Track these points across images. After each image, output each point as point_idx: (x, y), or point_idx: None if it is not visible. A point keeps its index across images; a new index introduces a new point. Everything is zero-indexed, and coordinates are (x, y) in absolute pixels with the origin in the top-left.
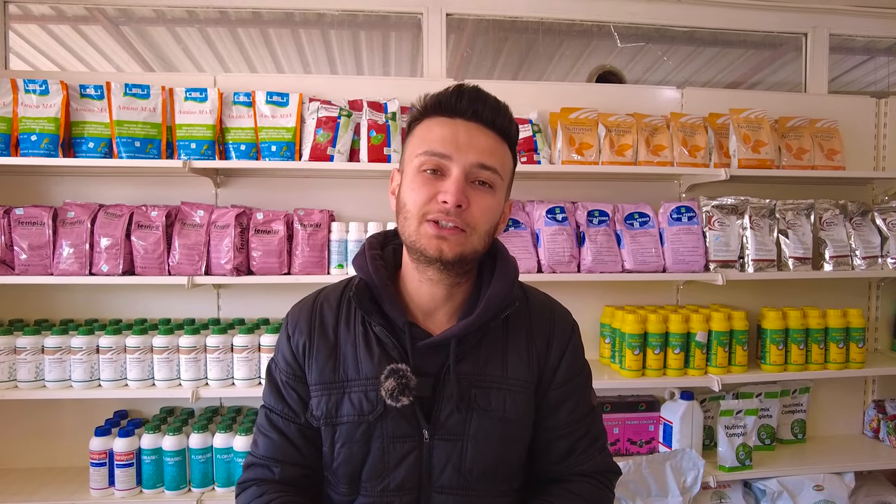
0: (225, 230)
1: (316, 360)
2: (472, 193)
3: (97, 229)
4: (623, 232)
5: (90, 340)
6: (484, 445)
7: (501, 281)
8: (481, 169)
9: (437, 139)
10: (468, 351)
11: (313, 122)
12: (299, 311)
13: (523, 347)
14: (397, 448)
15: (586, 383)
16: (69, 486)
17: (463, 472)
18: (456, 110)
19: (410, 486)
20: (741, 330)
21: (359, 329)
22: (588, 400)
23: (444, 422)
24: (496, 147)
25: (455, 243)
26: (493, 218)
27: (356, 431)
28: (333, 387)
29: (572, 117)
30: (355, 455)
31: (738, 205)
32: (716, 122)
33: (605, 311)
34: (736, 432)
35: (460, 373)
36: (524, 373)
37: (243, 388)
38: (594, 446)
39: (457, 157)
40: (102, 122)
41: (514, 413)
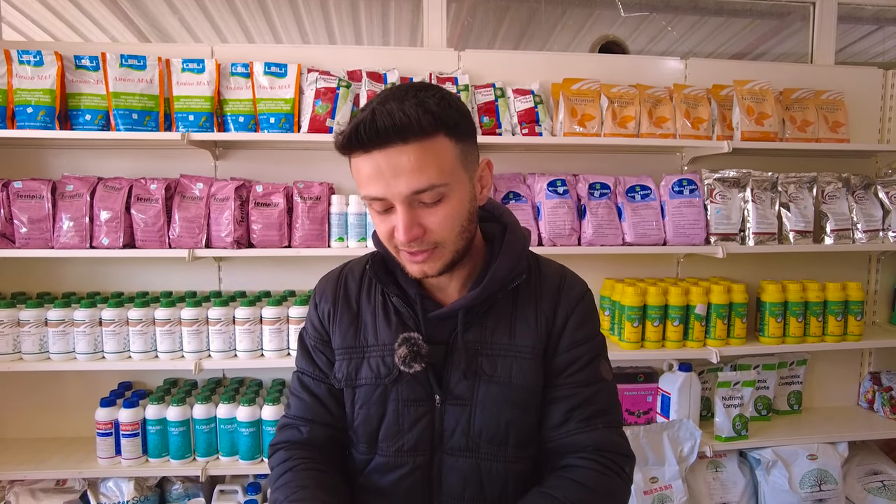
0: (225, 203)
1: (339, 326)
2: (423, 215)
3: (97, 202)
4: (624, 205)
5: (93, 313)
6: (491, 411)
7: (507, 255)
8: (417, 194)
9: (366, 180)
10: (476, 320)
11: (312, 94)
12: (326, 282)
13: (531, 315)
14: (411, 411)
15: (596, 352)
16: (77, 455)
17: (471, 436)
18: (367, 145)
19: (423, 448)
20: (740, 303)
21: (378, 299)
22: (596, 369)
23: (454, 388)
24: (423, 158)
25: (433, 261)
26: (457, 221)
27: (373, 394)
28: (354, 351)
29: (574, 88)
30: (372, 416)
31: (740, 178)
32: (719, 94)
33: (604, 283)
34: (733, 403)
35: (468, 341)
36: (531, 339)
37: (245, 359)
38: (598, 418)
39: (390, 194)
40: (99, 94)
41: (522, 379)
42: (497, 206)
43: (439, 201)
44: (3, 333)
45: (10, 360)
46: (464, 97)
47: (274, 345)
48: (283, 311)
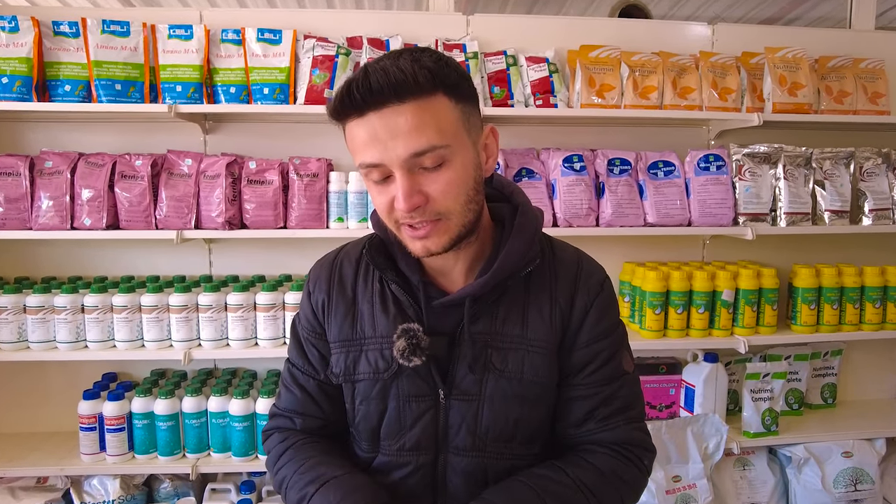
0: (215, 180)
1: (335, 317)
2: (424, 182)
3: (77, 180)
4: (646, 182)
5: (74, 299)
6: (499, 407)
7: (519, 238)
8: (416, 157)
9: (361, 146)
10: (485, 310)
11: (309, 62)
12: (320, 267)
13: (545, 305)
14: (413, 407)
15: (617, 346)
16: (58, 450)
17: (478, 434)
18: (360, 107)
19: (427, 446)
20: (771, 288)
21: (376, 286)
22: (618, 364)
23: (460, 382)
24: (422, 118)
25: (437, 236)
26: (461, 189)
27: (372, 389)
28: (351, 344)
29: (592, 56)
30: (372, 413)
31: (772, 153)
32: (749, 62)
33: (624, 267)
34: (762, 396)
35: (476, 332)
36: (545, 332)
37: (238, 348)
38: (620, 415)
39: (387, 158)
40: (79, 63)
41: (533, 374)
42: (507, 183)
43: (441, 166)
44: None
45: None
46: (472, 66)
47: (269, 333)
48: (279, 296)
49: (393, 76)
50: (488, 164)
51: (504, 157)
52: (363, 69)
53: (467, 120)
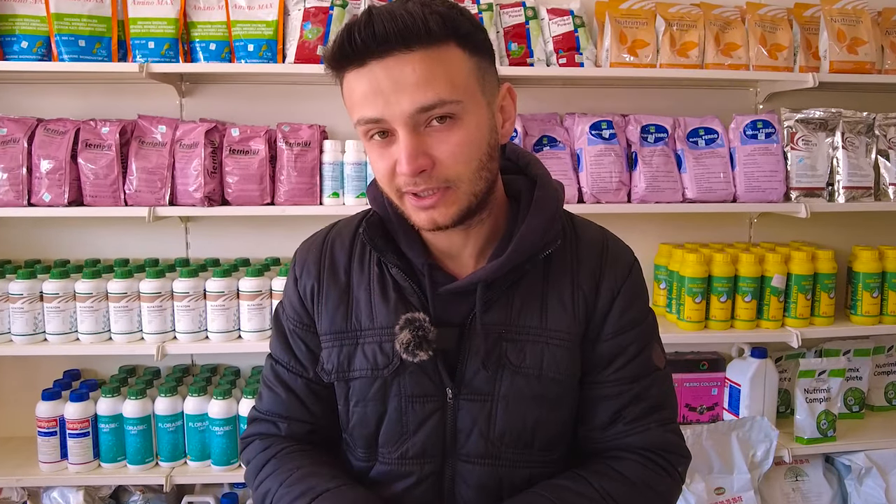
0: (193, 150)
1: (326, 306)
2: (431, 142)
3: (36, 149)
4: (685, 152)
5: (32, 286)
6: (516, 408)
7: (538, 216)
8: (424, 112)
9: (361, 100)
10: (499, 297)
11: (300, 15)
12: (307, 249)
13: (567, 292)
14: (416, 409)
15: (646, 338)
16: (14, 458)
17: (491, 439)
18: (359, 53)
19: (433, 453)
20: (828, 273)
21: (374, 270)
22: (648, 358)
23: (470, 380)
24: (431, 67)
25: (445, 206)
26: (473, 153)
27: (370, 388)
28: (345, 337)
29: (624, 8)
30: (370, 415)
31: (829, 119)
32: (802, 15)
33: (660, 249)
34: (818, 397)
35: (489, 323)
36: (567, 323)
37: (219, 342)
38: (651, 417)
39: (390, 114)
40: (38, 17)
41: (554, 371)
42: (522, 153)
43: (451, 124)
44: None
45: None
46: (486, 19)
47: (254, 324)
48: (265, 282)
49: (401, 20)
50: (505, 129)
51: (523, 123)
52: (366, 11)
53: (482, 76)
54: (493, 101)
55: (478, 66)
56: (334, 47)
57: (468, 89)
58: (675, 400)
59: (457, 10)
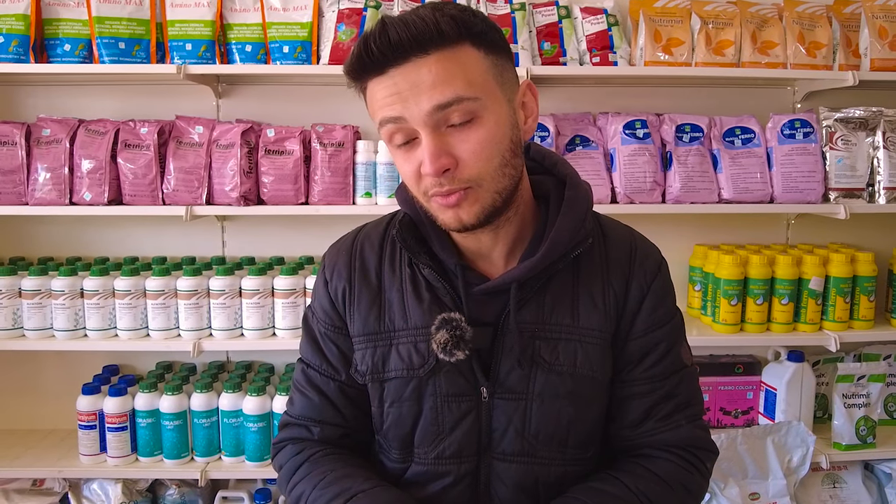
0: (229, 150)
1: (358, 308)
2: (452, 143)
3: (77, 150)
4: (721, 152)
5: (73, 282)
6: (551, 405)
7: (570, 215)
8: (442, 110)
9: (382, 103)
10: (531, 296)
11: (334, 16)
12: (337, 251)
13: (598, 291)
14: (452, 408)
15: (675, 335)
16: (56, 450)
17: (527, 437)
18: (378, 62)
19: (469, 453)
20: (868, 276)
21: (406, 272)
22: (677, 356)
23: (504, 379)
24: (448, 68)
25: (469, 205)
26: (495, 150)
27: (406, 388)
28: (379, 338)
29: (658, 6)
30: (405, 416)
31: (869, 118)
32: (842, 12)
33: (695, 251)
34: (857, 403)
35: (522, 322)
36: (599, 321)
37: (254, 339)
38: (680, 413)
39: (410, 115)
40: (80, 20)
41: (588, 368)
42: (547, 154)
43: (471, 122)
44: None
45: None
46: (519, 18)
47: (288, 322)
48: (299, 281)
49: (414, 26)
50: (527, 125)
51: (555, 122)
52: (380, 22)
53: (500, 73)
54: (514, 98)
55: (494, 63)
56: (353, 59)
57: (486, 87)
58: (702, 396)
59: (469, 11)
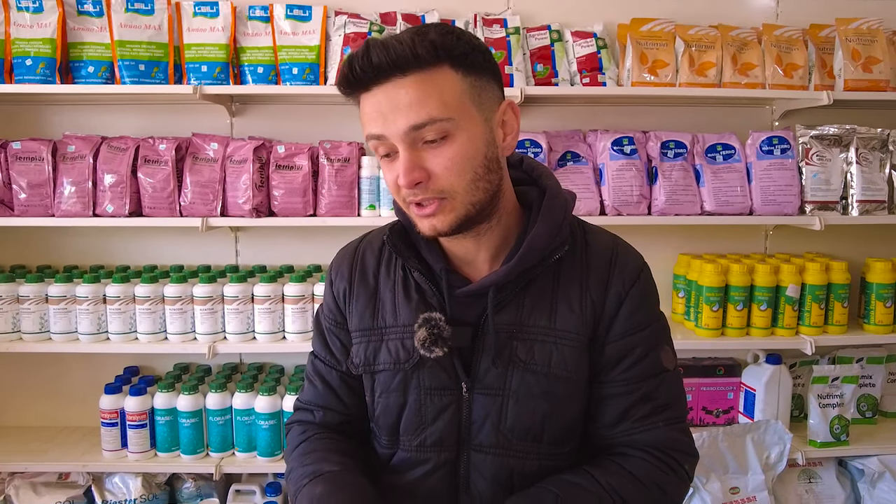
0: (242, 165)
1: (356, 306)
2: (426, 157)
3: (100, 165)
4: (703, 167)
5: (96, 289)
6: (525, 403)
7: (546, 222)
8: (416, 130)
9: (367, 119)
10: (511, 299)
11: (340, 40)
12: (342, 256)
13: (576, 295)
14: (434, 401)
15: (655, 340)
16: (80, 446)
17: (502, 431)
18: (363, 80)
19: (449, 443)
20: (841, 283)
21: (398, 274)
22: (656, 359)
23: (483, 376)
24: (424, 90)
25: (442, 215)
26: (467, 165)
27: (393, 380)
28: (372, 334)
29: (644, 30)
30: (392, 406)
31: (843, 135)
32: (818, 36)
33: (679, 259)
34: (831, 402)
35: (501, 323)
36: (575, 324)
37: (265, 342)
38: (658, 416)
39: (388, 130)
40: (103, 43)
41: (562, 369)
42: (536, 166)
43: (444, 140)
44: (1, 310)
45: (9, 339)
46: (514, 42)
47: (297, 326)
48: (308, 288)
49: (392, 50)
50: (507, 142)
51: (548, 139)
52: (365, 44)
53: (477, 94)
54: (492, 117)
55: (472, 84)
56: (340, 77)
57: (461, 107)
58: (685, 400)
59: (453, 34)
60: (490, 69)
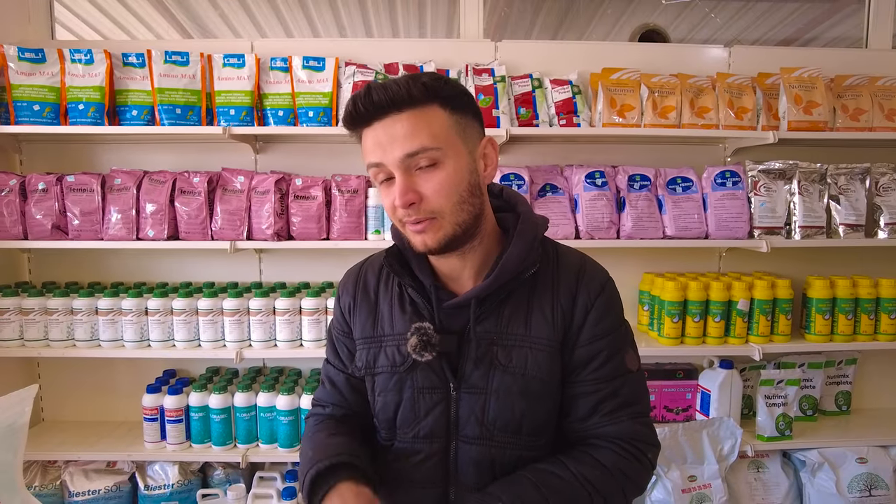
0: (265, 196)
1: (359, 317)
2: (419, 182)
3: (142, 195)
4: (665, 197)
5: (139, 303)
6: (505, 400)
7: (518, 245)
8: (411, 157)
9: (368, 150)
10: (492, 310)
11: (350, 87)
12: (348, 276)
13: (548, 306)
14: (426, 399)
15: (619, 344)
16: (125, 438)
17: (485, 424)
18: (365, 117)
19: (439, 435)
20: (785, 298)
21: (395, 290)
22: (621, 362)
23: (468, 377)
24: (417, 123)
25: (432, 232)
26: (453, 189)
27: (390, 381)
28: (372, 341)
29: (614, 78)
30: (389, 403)
31: (787, 169)
32: (765, 83)
33: (644, 277)
34: (776, 402)
35: (483, 331)
36: (547, 331)
37: (285, 349)
38: (623, 411)
39: (386, 159)
40: (144, 90)
41: (536, 371)
42: (513, 195)
43: (434, 166)
44: (57, 321)
45: (65, 346)
46: (500, 88)
47: (312, 335)
48: (322, 302)
49: (390, 90)
50: (487, 172)
51: (530, 173)
52: (366, 86)
53: (462, 130)
54: (475, 150)
55: (458, 121)
56: (346, 114)
57: (448, 139)
58: (648, 397)
59: (442, 80)
60: (472, 110)
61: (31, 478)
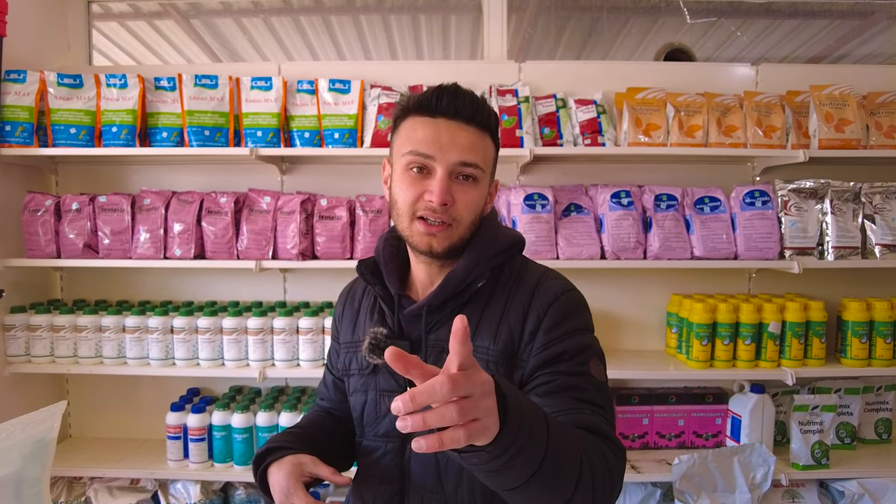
0: (290, 216)
1: (344, 323)
2: (456, 189)
3: (171, 215)
4: (692, 217)
5: (165, 321)
6: None
7: (467, 258)
8: (464, 166)
9: (421, 139)
10: (447, 319)
11: (374, 109)
12: (344, 289)
13: (496, 321)
14: (386, 400)
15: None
16: (149, 456)
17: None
18: (437, 110)
19: (395, 435)
20: (819, 321)
21: (371, 300)
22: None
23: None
24: (477, 142)
25: (443, 238)
26: (476, 209)
27: (359, 382)
28: (350, 346)
29: (639, 97)
30: (357, 403)
31: (818, 188)
32: (794, 101)
33: (672, 299)
34: (811, 429)
35: (435, 339)
36: (490, 343)
37: (308, 368)
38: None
39: (440, 157)
40: (175, 113)
41: None
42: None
43: (472, 181)
44: (86, 338)
45: (92, 363)
46: (524, 109)
47: None
48: None
49: (475, 103)
50: (487, 206)
51: (554, 193)
52: (453, 85)
53: (494, 163)
54: (491, 183)
55: (495, 158)
56: (422, 97)
57: (487, 167)
58: (612, 407)
59: (496, 116)
60: (498, 152)
61: (57, 493)
